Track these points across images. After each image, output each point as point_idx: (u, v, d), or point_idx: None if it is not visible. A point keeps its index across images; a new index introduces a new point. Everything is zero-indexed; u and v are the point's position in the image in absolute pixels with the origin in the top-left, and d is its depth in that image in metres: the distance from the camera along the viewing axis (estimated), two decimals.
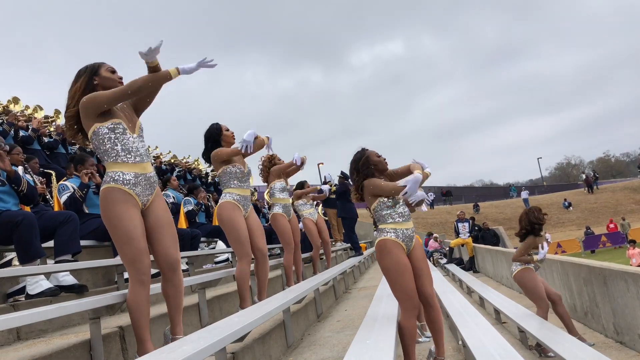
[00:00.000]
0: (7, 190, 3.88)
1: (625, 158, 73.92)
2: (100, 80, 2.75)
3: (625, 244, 19.21)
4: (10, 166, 3.92)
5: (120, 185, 2.63)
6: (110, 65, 2.84)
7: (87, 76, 2.74)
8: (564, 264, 6.54)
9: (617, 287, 4.86)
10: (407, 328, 3.19)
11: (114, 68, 2.84)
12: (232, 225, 4.03)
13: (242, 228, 4.04)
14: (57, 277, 3.96)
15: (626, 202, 32.97)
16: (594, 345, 4.56)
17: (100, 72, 2.77)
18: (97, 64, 2.81)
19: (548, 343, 3.92)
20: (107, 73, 2.79)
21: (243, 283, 4.06)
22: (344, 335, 4.25)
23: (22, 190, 3.95)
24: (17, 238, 3.56)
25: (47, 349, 2.53)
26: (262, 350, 3.40)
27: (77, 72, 2.80)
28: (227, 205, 4.06)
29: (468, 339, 3.62)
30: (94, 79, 2.74)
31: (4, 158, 3.86)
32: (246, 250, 4.06)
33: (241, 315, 2.98)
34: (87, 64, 2.82)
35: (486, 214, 31.19)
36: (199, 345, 2.00)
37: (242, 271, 4.06)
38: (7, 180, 3.89)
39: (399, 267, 3.17)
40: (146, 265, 2.64)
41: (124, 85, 2.70)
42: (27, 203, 4.05)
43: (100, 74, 2.76)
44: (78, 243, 4.02)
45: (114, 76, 2.80)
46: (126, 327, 3.04)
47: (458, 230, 14.25)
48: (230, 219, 4.03)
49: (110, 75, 2.79)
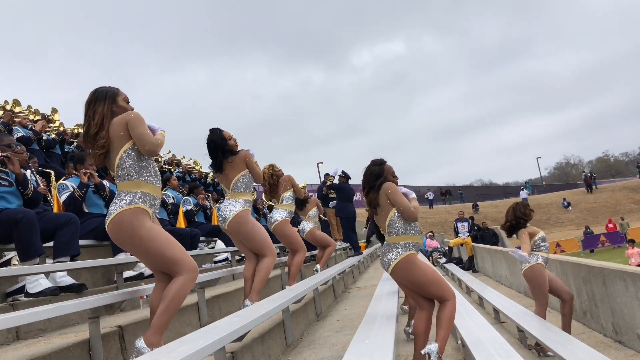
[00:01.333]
0: (13, 191, 3.88)
1: (625, 158, 74.01)
2: (117, 109, 2.73)
3: (624, 243, 19.24)
4: (20, 169, 3.91)
5: (142, 205, 2.66)
6: (124, 93, 2.83)
7: (109, 103, 2.72)
8: (563, 264, 6.54)
9: (616, 287, 4.86)
10: (451, 311, 3.23)
11: (128, 98, 2.84)
12: (260, 229, 4.17)
13: (262, 229, 4.23)
14: (55, 278, 3.96)
15: (625, 202, 33.01)
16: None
17: (117, 100, 2.75)
18: (114, 91, 2.78)
19: (547, 342, 3.93)
20: (124, 103, 2.78)
21: (264, 278, 4.12)
22: (344, 335, 4.25)
23: (27, 194, 3.95)
24: (17, 236, 3.56)
25: (46, 349, 2.52)
26: (261, 349, 3.40)
27: (94, 95, 2.75)
28: (248, 212, 4.18)
29: (467, 339, 3.62)
30: (112, 106, 2.72)
31: (15, 161, 3.85)
32: (272, 247, 4.22)
33: (240, 315, 2.98)
34: (103, 88, 2.78)
35: (485, 214, 31.21)
36: (198, 344, 1.99)
37: (269, 267, 4.15)
38: (15, 182, 3.90)
39: (429, 269, 3.31)
40: (191, 259, 2.75)
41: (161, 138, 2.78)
42: (30, 207, 4.04)
43: (117, 103, 2.75)
44: (77, 246, 4.01)
45: (128, 107, 2.79)
46: (125, 327, 3.04)
47: (457, 230, 14.26)
48: (256, 223, 4.19)
49: (126, 105, 2.78)
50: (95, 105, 2.70)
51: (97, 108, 2.69)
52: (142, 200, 2.67)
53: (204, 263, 7.04)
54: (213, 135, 4.20)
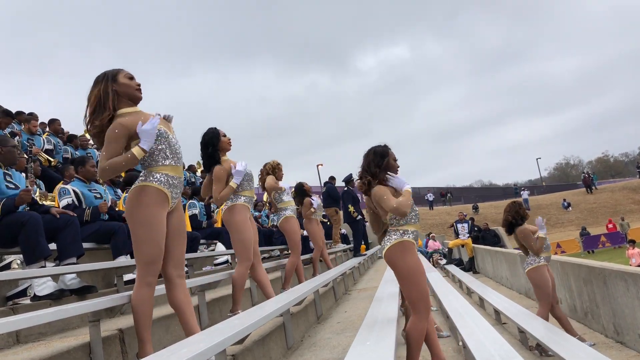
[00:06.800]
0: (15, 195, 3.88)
1: (624, 158, 74.06)
2: (119, 87, 2.71)
3: (625, 243, 19.22)
4: (31, 198, 3.91)
5: (158, 185, 2.66)
6: (128, 71, 2.80)
7: (105, 84, 2.70)
8: (563, 265, 6.54)
9: (617, 287, 4.86)
10: (417, 331, 3.14)
11: (131, 74, 2.80)
12: (243, 228, 4.06)
13: (250, 232, 4.11)
14: (65, 281, 3.97)
15: (625, 202, 32.98)
16: (595, 345, 4.56)
17: (118, 78, 2.73)
18: (115, 70, 2.77)
19: (548, 343, 3.92)
20: (125, 80, 2.75)
21: (240, 287, 4.06)
22: (344, 337, 4.24)
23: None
24: (23, 238, 3.56)
25: (47, 352, 2.52)
26: (262, 352, 3.39)
27: (94, 80, 2.75)
28: (241, 208, 4.09)
29: (468, 340, 3.61)
30: (112, 86, 2.70)
31: (30, 195, 3.82)
32: (249, 254, 4.09)
33: (241, 317, 2.98)
34: (105, 71, 2.77)
35: (485, 215, 31.20)
36: (199, 347, 1.99)
37: (242, 275, 4.06)
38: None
39: (420, 268, 3.17)
40: (159, 268, 2.71)
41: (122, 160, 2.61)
42: None
43: (118, 81, 2.72)
44: (81, 246, 4.03)
45: (131, 83, 2.76)
46: (126, 330, 3.03)
47: (457, 231, 14.25)
48: (243, 221, 4.07)
49: (128, 81, 2.75)
50: (94, 88, 2.72)
51: (94, 91, 2.70)
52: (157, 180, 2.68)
53: (204, 266, 7.03)
54: (209, 131, 4.21)
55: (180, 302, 2.81)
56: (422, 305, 3.16)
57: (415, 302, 3.18)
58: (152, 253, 2.65)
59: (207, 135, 4.20)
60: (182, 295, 2.83)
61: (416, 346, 3.16)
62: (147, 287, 2.67)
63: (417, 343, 3.16)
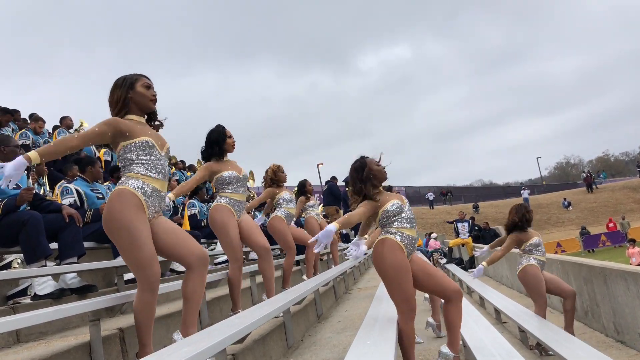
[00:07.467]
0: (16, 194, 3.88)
1: (625, 157, 74.01)
2: (134, 95, 2.70)
3: (625, 243, 19.22)
4: (32, 198, 3.90)
5: (135, 191, 2.57)
6: (147, 79, 2.77)
7: (125, 90, 2.70)
8: (564, 264, 6.54)
9: (617, 287, 4.86)
10: (405, 331, 3.13)
11: (150, 83, 2.77)
12: (225, 230, 3.97)
13: (234, 232, 3.99)
14: (65, 280, 3.97)
15: (626, 201, 32.98)
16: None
17: (136, 86, 2.72)
18: (135, 77, 2.75)
19: (548, 343, 3.92)
20: (142, 89, 2.72)
21: (235, 286, 4.03)
22: (345, 336, 4.24)
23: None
24: (24, 237, 3.56)
25: (47, 352, 2.52)
26: (262, 351, 3.39)
27: (115, 82, 2.74)
28: (221, 209, 4.01)
29: (469, 339, 3.61)
30: (129, 92, 2.70)
31: (31, 194, 3.82)
32: (237, 255, 4.03)
33: (241, 317, 2.97)
34: (126, 75, 2.76)
35: (486, 214, 31.21)
36: (199, 346, 1.99)
37: (234, 274, 4.02)
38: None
39: (402, 267, 3.05)
40: (157, 271, 2.58)
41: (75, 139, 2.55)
42: None
43: (135, 89, 2.71)
44: (82, 245, 4.02)
45: (147, 93, 2.73)
46: (126, 329, 3.03)
47: (458, 231, 14.25)
48: (223, 222, 3.97)
49: (144, 91, 2.73)
50: (113, 92, 2.73)
51: (113, 95, 2.72)
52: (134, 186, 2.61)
53: None
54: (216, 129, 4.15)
55: (190, 291, 2.74)
56: (405, 306, 3.11)
57: (398, 302, 3.13)
58: (141, 257, 2.51)
59: (214, 134, 4.12)
60: (193, 284, 2.73)
61: (409, 346, 3.17)
62: (149, 292, 2.58)
63: (409, 342, 3.17)
